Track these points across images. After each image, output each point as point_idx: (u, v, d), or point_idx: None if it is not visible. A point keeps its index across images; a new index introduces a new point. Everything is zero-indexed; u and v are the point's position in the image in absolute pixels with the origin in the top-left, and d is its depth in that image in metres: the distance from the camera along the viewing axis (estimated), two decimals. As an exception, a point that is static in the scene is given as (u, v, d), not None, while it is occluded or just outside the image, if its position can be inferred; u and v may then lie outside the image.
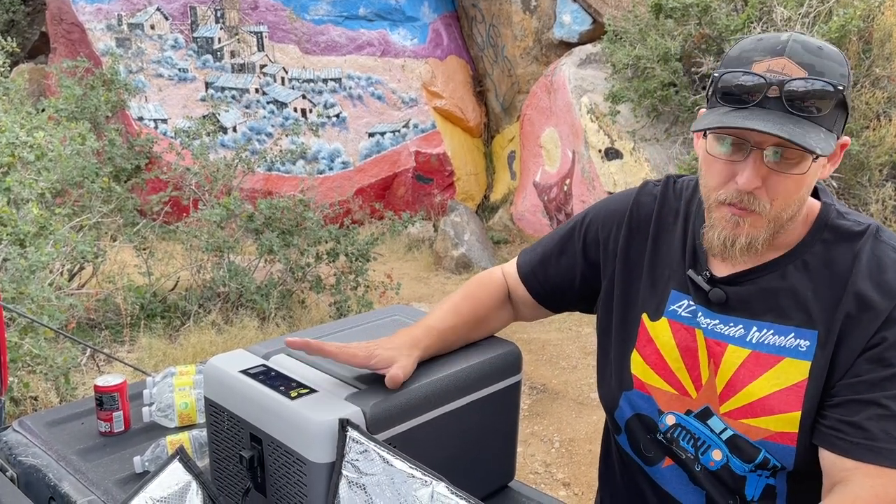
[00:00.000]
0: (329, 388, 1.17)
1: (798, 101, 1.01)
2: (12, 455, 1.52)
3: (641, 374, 1.23)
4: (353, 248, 5.52)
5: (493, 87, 9.17)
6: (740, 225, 1.08)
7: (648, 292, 1.24)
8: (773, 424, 1.10)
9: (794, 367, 1.09)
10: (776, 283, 1.13)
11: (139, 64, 7.75)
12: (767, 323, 1.12)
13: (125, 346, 4.88)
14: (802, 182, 1.06)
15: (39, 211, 3.95)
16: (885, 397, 1.02)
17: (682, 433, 1.19)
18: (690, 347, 1.18)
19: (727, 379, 1.13)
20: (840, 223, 1.13)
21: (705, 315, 1.17)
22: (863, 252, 1.09)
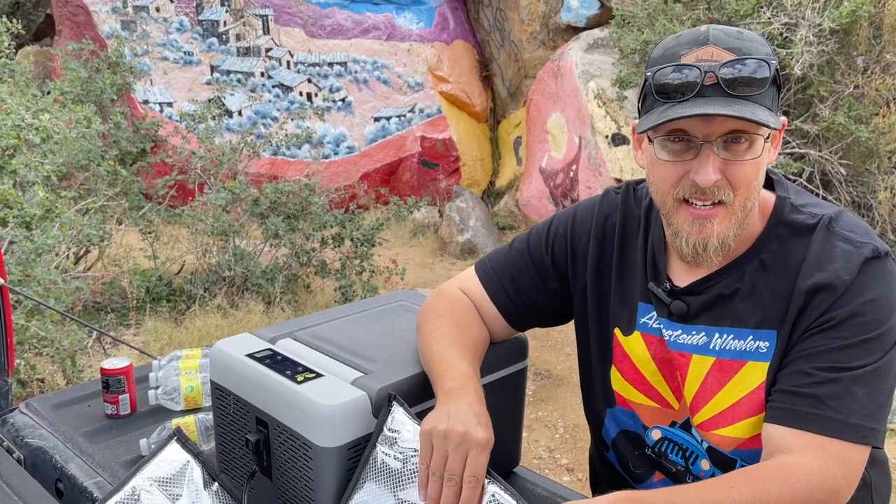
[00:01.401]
0: (335, 373, 1.17)
1: (736, 83, 0.99)
2: (19, 437, 1.53)
3: (622, 390, 1.21)
4: (359, 233, 5.52)
5: (500, 72, 9.12)
6: (707, 226, 1.06)
7: (619, 307, 1.21)
8: (742, 431, 1.09)
9: (756, 370, 1.08)
10: (734, 285, 1.11)
11: (144, 47, 7.73)
12: (727, 328, 1.10)
13: (131, 329, 4.89)
14: (759, 166, 1.05)
15: (45, 194, 3.95)
16: (817, 368, 1.01)
17: (670, 446, 1.18)
18: (666, 360, 1.16)
19: (695, 390, 1.12)
20: (794, 218, 1.11)
21: (667, 327, 1.15)
22: (814, 245, 1.07)
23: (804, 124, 5.87)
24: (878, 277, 1.04)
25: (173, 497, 1.05)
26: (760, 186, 1.08)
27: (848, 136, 5.70)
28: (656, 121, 1.02)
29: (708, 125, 1.00)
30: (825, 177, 5.93)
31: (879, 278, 1.04)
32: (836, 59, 5.88)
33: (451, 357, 1.16)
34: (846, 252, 1.05)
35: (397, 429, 1.05)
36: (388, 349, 1.26)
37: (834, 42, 5.79)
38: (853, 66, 5.95)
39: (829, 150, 5.84)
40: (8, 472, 1.28)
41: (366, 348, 1.26)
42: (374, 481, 1.04)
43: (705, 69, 1.00)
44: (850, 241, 1.06)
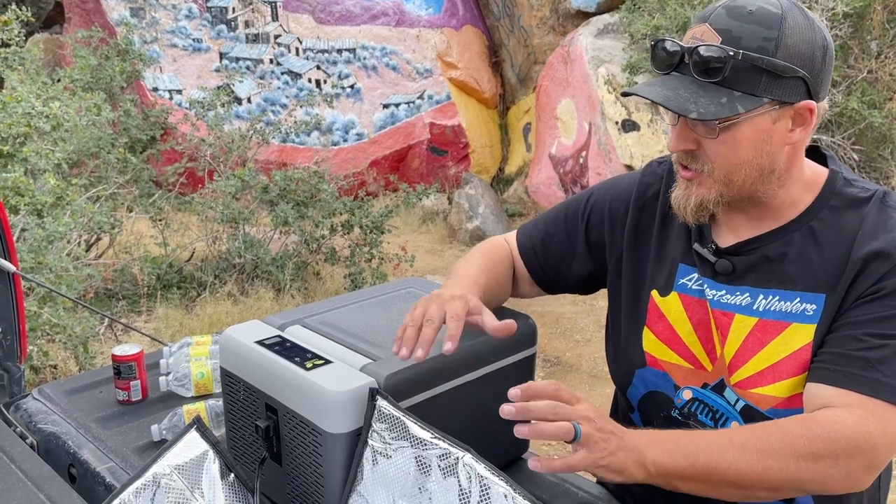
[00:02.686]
0: (344, 359, 1.17)
1: (702, 66, 1.03)
2: (32, 422, 1.55)
3: (654, 350, 1.22)
4: (368, 221, 5.52)
5: (509, 58, 9.07)
6: (689, 187, 1.12)
7: (657, 270, 1.24)
8: (782, 391, 1.09)
9: (801, 332, 1.09)
10: (782, 249, 1.13)
11: (153, 34, 7.73)
12: (773, 290, 1.12)
13: (142, 316, 4.93)
14: (735, 144, 1.06)
15: (56, 181, 3.97)
16: (868, 334, 1.02)
17: (700, 407, 1.18)
18: (703, 320, 1.17)
19: (735, 349, 1.13)
20: (847, 190, 1.14)
21: (711, 287, 1.17)
22: (869, 216, 1.09)
23: (816, 110, 5.83)
24: None
25: (192, 485, 1.06)
26: (760, 165, 1.09)
27: (861, 122, 5.66)
28: (631, 90, 1.11)
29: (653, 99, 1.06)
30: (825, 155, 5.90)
31: None
32: (849, 43, 5.82)
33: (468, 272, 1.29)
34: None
35: (385, 423, 1.05)
36: (396, 336, 1.27)
37: (847, 26, 5.73)
38: (867, 50, 5.89)
39: (842, 135, 5.80)
40: (21, 457, 1.29)
41: (375, 335, 1.26)
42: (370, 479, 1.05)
43: (685, 49, 1.05)
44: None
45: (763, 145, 1.08)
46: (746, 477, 0.97)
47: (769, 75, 1.04)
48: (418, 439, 1.02)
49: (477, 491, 0.96)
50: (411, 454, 1.03)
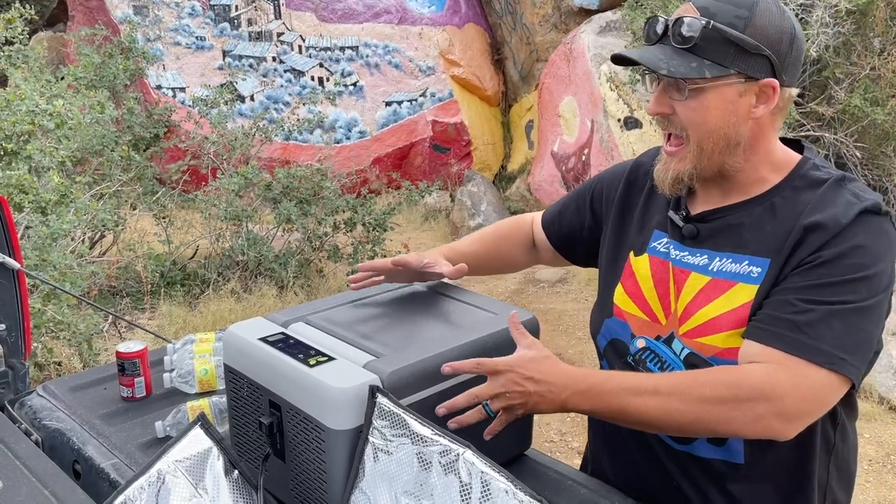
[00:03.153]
0: (347, 356, 1.18)
1: (679, 34, 1.16)
2: (37, 419, 1.55)
3: (621, 302, 1.36)
4: (371, 218, 5.53)
5: (512, 56, 9.07)
6: (669, 162, 1.25)
7: (637, 234, 1.39)
8: (722, 341, 1.20)
9: (744, 291, 1.19)
10: (742, 219, 1.25)
11: (157, 32, 7.74)
12: (728, 253, 1.24)
13: (146, 313, 4.94)
14: (704, 111, 1.18)
15: (60, 179, 3.98)
16: (800, 299, 1.12)
17: (649, 355, 1.30)
18: (663, 279, 1.30)
19: (686, 303, 1.25)
20: (812, 173, 1.24)
21: (676, 248, 1.30)
22: (821, 194, 1.20)
23: (819, 106, 5.81)
24: (872, 229, 1.14)
25: (196, 482, 1.07)
26: (725, 135, 1.20)
27: (863, 119, 5.64)
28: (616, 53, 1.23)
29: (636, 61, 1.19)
30: (840, 160, 5.88)
31: (874, 230, 1.15)
32: (852, 40, 5.81)
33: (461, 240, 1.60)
34: (848, 201, 1.16)
35: (385, 420, 1.06)
36: (399, 333, 1.27)
37: (850, 23, 5.71)
38: (869, 47, 5.87)
39: (845, 132, 5.79)
40: (26, 453, 1.30)
41: (378, 332, 1.27)
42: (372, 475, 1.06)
43: (665, 22, 1.19)
44: (856, 195, 1.18)
45: (729, 116, 1.18)
46: (652, 417, 1.11)
47: (737, 49, 1.15)
48: (419, 436, 1.03)
49: (478, 487, 0.97)
50: (412, 451, 1.03)
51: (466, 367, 1.12)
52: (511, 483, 0.95)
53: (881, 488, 3.33)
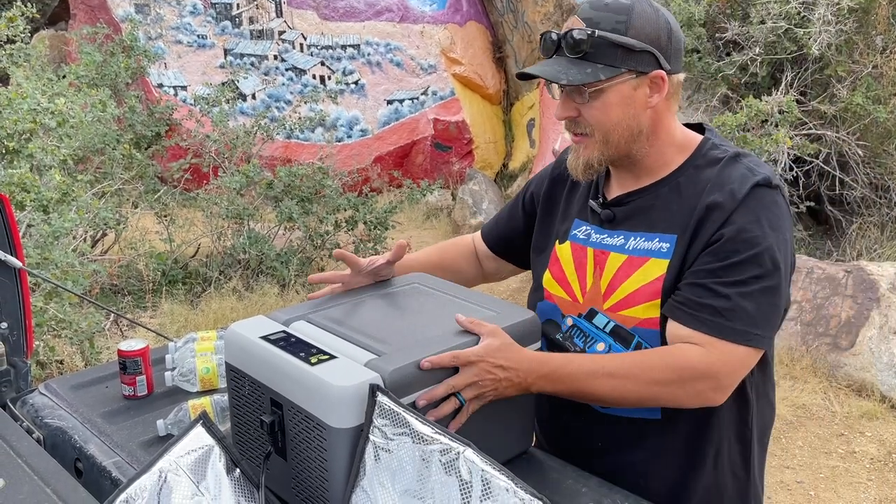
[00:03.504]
0: (349, 354, 1.18)
1: (572, 45, 1.29)
2: (39, 417, 1.56)
3: (549, 286, 1.49)
4: (372, 216, 5.53)
5: (513, 54, 9.06)
6: (578, 150, 1.38)
7: (560, 224, 1.53)
8: (641, 312, 1.33)
9: (656, 265, 1.33)
10: (651, 200, 1.38)
11: (158, 30, 7.74)
12: (640, 232, 1.38)
13: (147, 311, 4.94)
14: (605, 109, 1.32)
15: (62, 177, 3.99)
16: (715, 283, 1.26)
17: (576, 332, 1.43)
18: (582, 263, 1.44)
19: (608, 280, 1.39)
20: (711, 152, 1.38)
21: (597, 232, 1.44)
22: (718, 171, 1.33)
23: (821, 105, 5.81)
24: (766, 202, 1.28)
25: (198, 480, 1.07)
26: (625, 125, 1.33)
27: (866, 117, 5.64)
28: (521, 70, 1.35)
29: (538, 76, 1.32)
30: (842, 158, 5.87)
31: (767, 203, 1.29)
32: (854, 38, 5.80)
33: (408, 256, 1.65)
34: (742, 175, 1.30)
35: (386, 418, 1.06)
36: (401, 331, 1.27)
37: (852, 21, 5.70)
38: (872, 45, 5.87)
39: (847, 131, 5.78)
40: (28, 452, 1.30)
41: (379, 330, 1.27)
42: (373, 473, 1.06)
43: (557, 36, 1.32)
44: (750, 169, 1.32)
45: (628, 108, 1.32)
46: (609, 396, 1.28)
47: (623, 50, 1.29)
48: (419, 434, 1.03)
49: (478, 485, 0.97)
50: (412, 449, 1.03)
51: (444, 362, 1.17)
52: (512, 481, 0.95)
53: (883, 487, 3.33)
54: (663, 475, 1.40)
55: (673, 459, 1.39)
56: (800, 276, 4.54)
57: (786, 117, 5.43)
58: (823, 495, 3.29)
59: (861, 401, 3.95)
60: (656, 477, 1.40)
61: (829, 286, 4.39)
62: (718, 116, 5.61)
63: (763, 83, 6.14)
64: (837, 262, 5.19)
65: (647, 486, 1.36)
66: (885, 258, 5.42)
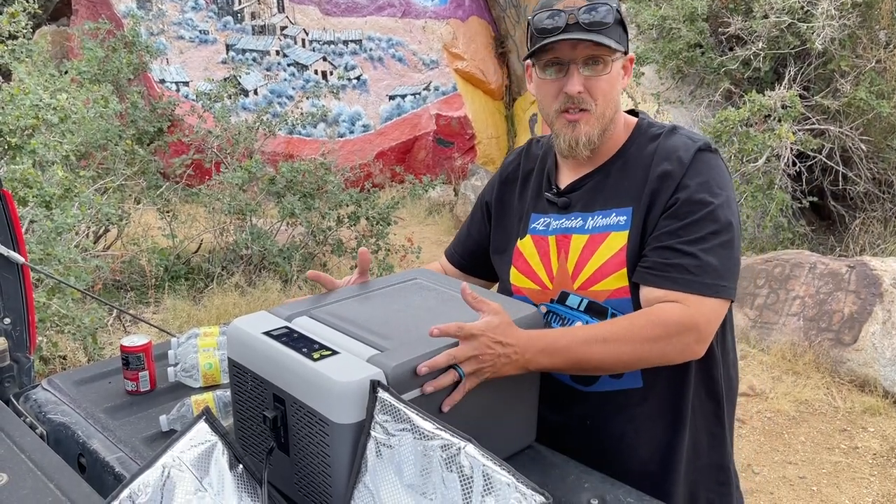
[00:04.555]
0: (351, 350, 1.18)
1: (588, 21, 1.34)
2: (42, 413, 1.56)
3: (516, 281, 1.54)
4: (374, 212, 5.53)
5: (516, 49, 9.04)
6: (577, 127, 1.41)
7: (517, 221, 1.58)
8: (611, 284, 1.40)
9: (617, 238, 1.40)
10: (602, 180, 1.46)
11: (160, 26, 7.73)
12: (597, 211, 1.45)
13: (150, 307, 4.95)
14: (612, 81, 1.40)
15: (64, 173, 3.99)
16: (679, 243, 1.33)
17: (553, 317, 1.48)
18: (545, 252, 1.49)
19: (575, 261, 1.45)
20: (650, 129, 1.47)
21: (555, 219, 1.50)
22: (661, 143, 1.42)
23: (824, 100, 5.79)
24: (709, 165, 1.38)
25: (201, 476, 1.07)
26: (618, 101, 1.43)
27: (869, 112, 5.62)
28: (537, 44, 1.37)
29: (573, 51, 1.36)
30: (845, 153, 5.86)
31: (712, 165, 1.38)
32: (857, 33, 5.78)
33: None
34: (685, 144, 1.40)
35: (387, 414, 1.06)
36: (403, 327, 1.27)
37: (856, 16, 5.68)
38: (875, 40, 5.85)
39: (850, 125, 5.77)
40: (31, 447, 1.30)
41: (381, 326, 1.27)
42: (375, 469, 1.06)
43: (568, 12, 1.35)
44: (690, 138, 1.42)
45: (618, 86, 1.43)
46: (606, 361, 1.32)
47: (622, 28, 1.39)
48: (421, 430, 1.03)
49: (480, 480, 0.97)
50: (414, 445, 1.03)
51: (451, 330, 1.19)
52: (513, 476, 0.95)
53: (886, 482, 3.33)
54: (650, 441, 1.46)
55: (657, 423, 1.45)
56: (802, 272, 4.54)
57: (789, 112, 5.42)
58: (826, 490, 3.28)
59: (864, 396, 3.94)
60: (644, 444, 1.46)
61: (832, 281, 4.38)
62: (721, 111, 5.60)
63: (766, 78, 6.12)
64: (840, 257, 5.18)
65: (637, 455, 1.45)
66: (888, 253, 5.41)
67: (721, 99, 6.29)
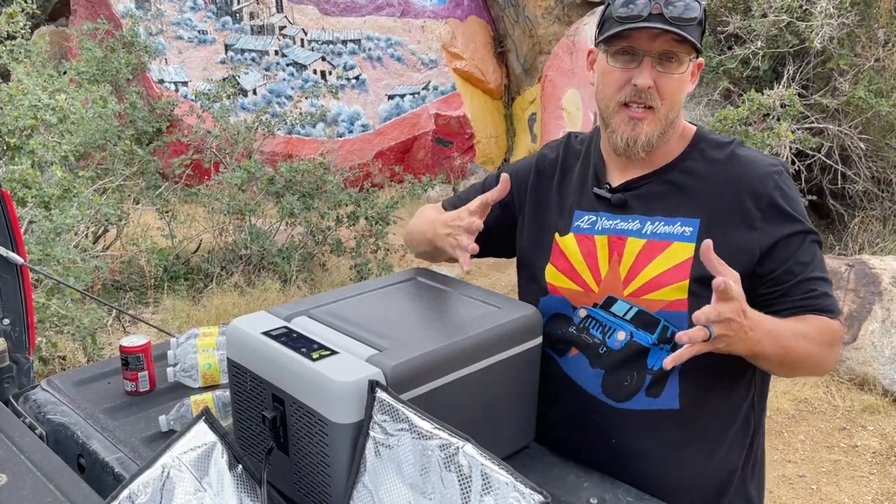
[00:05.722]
0: (350, 350, 1.18)
1: (672, 14, 1.27)
2: (41, 413, 1.56)
3: (554, 280, 1.46)
4: (373, 212, 5.53)
5: (514, 48, 9.04)
6: (639, 126, 1.34)
7: (557, 217, 1.50)
8: (668, 295, 1.33)
9: (681, 248, 1.34)
10: (664, 184, 1.39)
11: (159, 26, 7.73)
12: (658, 217, 1.38)
13: (149, 307, 4.95)
14: (682, 83, 1.33)
15: (63, 174, 3.99)
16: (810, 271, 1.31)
17: (591, 323, 1.41)
18: (591, 252, 1.42)
19: (629, 265, 1.37)
20: (711, 137, 1.43)
21: (608, 219, 1.42)
22: (735, 153, 1.37)
23: (823, 98, 5.79)
24: (790, 184, 1.36)
25: (200, 476, 1.07)
26: (680, 104, 1.36)
27: (868, 111, 5.62)
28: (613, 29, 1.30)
29: (651, 43, 1.29)
30: (844, 152, 5.86)
31: (791, 185, 1.36)
32: (856, 31, 5.78)
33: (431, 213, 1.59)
34: (769, 166, 1.35)
35: (386, 414, 1.06)
36: (402, 326, 1.27)
37: (854, 14, 5.68)
38: (874, 38, 5.85)
39: (849, 124, 5.77)
40: (31, 447, 1.30)
41: (381, 326, 1.27)
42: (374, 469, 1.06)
43: (653, 1, 1.28)
44: (767, 159, 1.38)
45: (685, 89, 1.36)
46: (802, 357, 1.28)
47: (701, 30, 1.32)
48: (419, 430, 1.03)
49: (478, 480, 0.97)
50: (413, 445, 1.03)
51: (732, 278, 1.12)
52: (511, 475, 0.95)
53: (885, 480, 3.33)
54: (678, 467, 1.39)
55: (688, 448, 1.38)
56: (802, 271, 4.54)
57: (788, 111, 5.42)
58: (825, 489, 3.29)
59: (863, 395, 3.94)
60: (672, 470, 1.39)
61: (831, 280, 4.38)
62: (720, 110, 5.60)
63: (765, 77, 6.13)
64: (839, 255, 5.18)
65: (662, 480, 1.36)
66: (887, 252, 5.41)
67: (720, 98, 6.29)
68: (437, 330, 1.25)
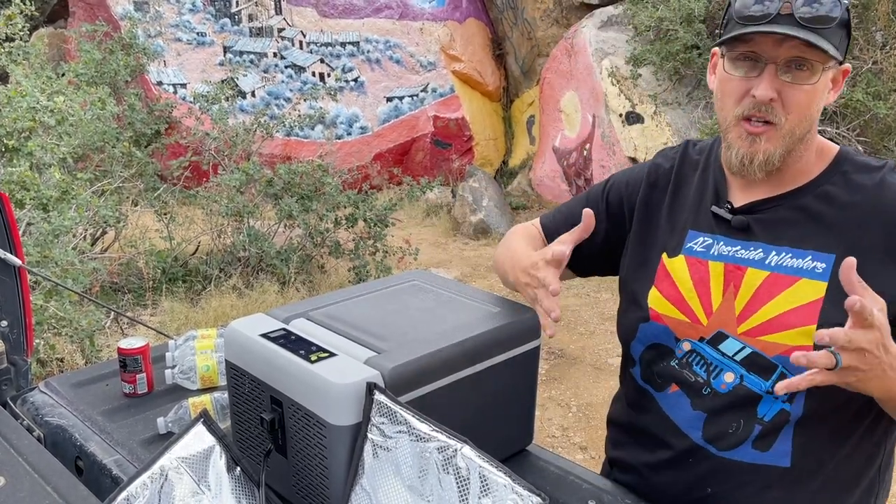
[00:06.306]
0: (348, 352, 1.18)
1: (808, 16, 1.09)
2: (39, 415, 1.56)
3: (658, 306, 1.30)
4: (372, 214, 5.53)
5: (513, 51, 9.05)
6: (757, 142, 1.16)
7: (668, 235, 1.33)
8: (791, 338, 1.15)
9: (811, 287, 1.15)
10: (796, 210, 1.20)
11: (157, 28, 7.73)
12: (786, 247, 1.19)
13: (148, 309, 4.94)
14: (814, 95, 1.14)
15: (61, 175, 3.98)
16: None
17: (696, 358, 1.25)
18: (703, 279, 1.25)
19: (746, 300, 1.20)
20: (858, 159, 1.22)
21: (726, 244, 1.24)
22: (885, 179, 1.16)
23: (821, 101, 5.80)
24: None
25: (198, 478, 1.07)
26: (814, 118, 1.17)
27: (866, 113, 5.64)
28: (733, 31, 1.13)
29: (776, 48, 1.11)
30: (840, 151, 5.87)
31: None
32: (854, 34, 5.79)
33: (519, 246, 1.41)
34: None
35: (384, 416, 1.06)
36: (401, 329, 1.27)
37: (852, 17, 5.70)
38: (872, 41, 5.86)
39: (847, 126, 5.78)
40: (28, 450, 1.30)
41: (379, 328, 1.27)
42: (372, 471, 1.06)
43: (783, 1, 1.10)
44: None
45: (820, 101, 1.16)
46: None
47: (846, 34, 1.13)
48: (417, 432, 1.03)
49: (476, 482, 0.97)
50: (411, 447, 1.03)
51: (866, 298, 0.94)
52: (509, 478, 0.95)
53: (883, 483, 3.33)
54: None
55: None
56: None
57: (786, 113, 5.43)
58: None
59: (861, 397, 3.94)
60: None
61: (829, 282, 4.39)
62: (718, 113, 5.61)
63: (763, 79, 6.14)
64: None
65: None
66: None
67: (718, 100, 6.29)
68: (435, 332, 1.25)
